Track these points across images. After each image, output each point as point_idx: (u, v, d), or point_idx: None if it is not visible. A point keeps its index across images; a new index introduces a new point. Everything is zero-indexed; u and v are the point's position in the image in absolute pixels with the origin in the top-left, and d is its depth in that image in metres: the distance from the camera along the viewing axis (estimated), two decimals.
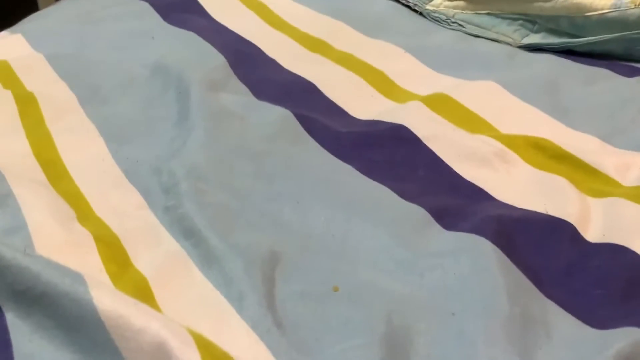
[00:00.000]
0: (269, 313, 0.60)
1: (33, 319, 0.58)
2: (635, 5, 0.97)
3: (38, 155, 0.87)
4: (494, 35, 1.11)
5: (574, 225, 0.69)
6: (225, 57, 1.04)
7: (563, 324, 0.60)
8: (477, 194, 0.77)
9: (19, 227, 0.70)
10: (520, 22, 1.10)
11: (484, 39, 1.12)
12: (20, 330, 0.58)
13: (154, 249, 0.70)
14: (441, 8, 1.17)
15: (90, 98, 0.98)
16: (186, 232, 0.71)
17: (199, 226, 0.70)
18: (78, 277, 0.58)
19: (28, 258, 0.60)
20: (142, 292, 0.64)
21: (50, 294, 0.57)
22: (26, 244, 0.67)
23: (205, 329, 0.59)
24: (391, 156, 0.83)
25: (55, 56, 1.08)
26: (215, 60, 1.03)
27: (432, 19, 1.18)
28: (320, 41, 1.13)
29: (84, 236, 0.71)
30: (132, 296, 0.60)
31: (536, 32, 1.08)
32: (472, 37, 1.13)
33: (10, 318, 0.58)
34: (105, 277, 0.65)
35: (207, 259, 0.67)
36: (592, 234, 0.70)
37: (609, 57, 1.03)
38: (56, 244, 0.68)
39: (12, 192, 0.76)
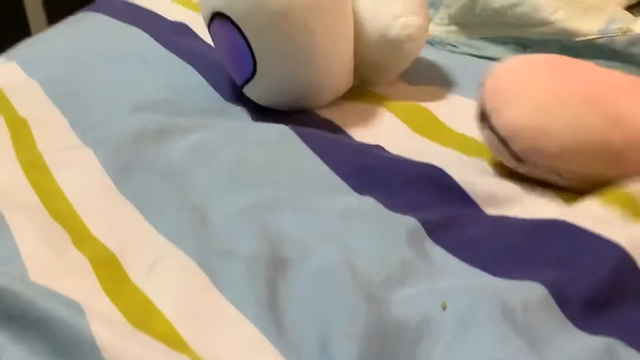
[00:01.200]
0: (269, 313, 0.62)
1: (27, 344, 0.58)
2: (622, 32, 0.99)
3: (30, 177, 0.87)
4: (487, 55, 1.12)
5: None
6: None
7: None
8: None
9: (12, 257, 0.70)
10: (512, 45, 1.11)
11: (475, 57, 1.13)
12: (12, 355, 0.57)
13: (152, 261, 0.70)
14: (434, 33, 1.19)
15: (83, 122, 0.98)
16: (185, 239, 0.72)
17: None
18: (75, 305, 0.59)
19: (24, 285, 0.60)
20: (142, 307, 0.64)
21: (46, 320, 0.58)
22: (21, 272, 0.67)
23: (209, 332, 0.60)
24: None
25: (49, 81, 1.08)
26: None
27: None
28: None
29: (80, 262, 0.71)
30: (132, 311, 0.62)
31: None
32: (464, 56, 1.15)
33: (3, 342, 0.58)
34: (103, 296, 0.66)
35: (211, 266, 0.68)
36: None
37: None
38: (51, 272, 0.68)
39: (4, 219, 0.76)
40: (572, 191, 0.78)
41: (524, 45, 1.10)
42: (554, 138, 0.75)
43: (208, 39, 1.22)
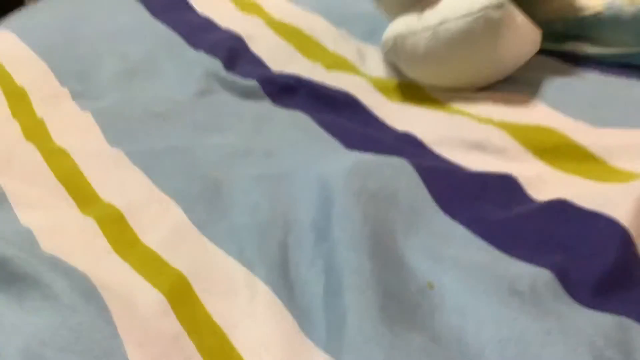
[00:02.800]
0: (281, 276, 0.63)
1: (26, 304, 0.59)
2: (630, 1, 0.95)
3: (33, 139, 0.87)
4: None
5: None
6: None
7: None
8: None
9: (17, 228, 0.70)
10: None
11: None
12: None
13: (161, 221, 0.70)
14: None
15: (83, 91, 0.98)
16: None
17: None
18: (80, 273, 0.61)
19: (29, 254, 0.62)
20: (154, 260, 0.65)
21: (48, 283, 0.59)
22: (30, 242, 0.67)
23: (219, 291, 0.62)
24: None
25: (46, 50, 1.08)
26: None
27: None
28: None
29: (88, 223, 0.71)
30: (143, 267, 0.63)
31: None
32: None
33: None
34: (114, 257, 0.66)
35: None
36: None
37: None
38: (58, 239, 0.69)
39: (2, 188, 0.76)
40: None
41: None
42: None
43: (205, 12, 1.21)
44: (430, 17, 0.91)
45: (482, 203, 0.72)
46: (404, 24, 0.94)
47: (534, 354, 0.56)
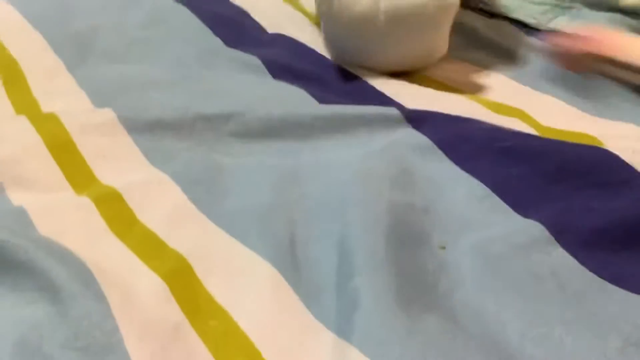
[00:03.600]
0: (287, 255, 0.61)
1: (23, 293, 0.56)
2: None
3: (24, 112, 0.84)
4: (519, 16, 1.06)
5: None
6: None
7: None
8: None
9: (11, 209, 0.67)
10: (548, 6, 1.06)
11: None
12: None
13: (159, 201, 0.68)
14: None
15: (79, 63, 0.94)
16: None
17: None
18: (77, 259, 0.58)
19: (25, 238, 0.59)
20: (152, 240, 0.63)
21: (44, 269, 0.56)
22: (26, 224, 0.64)
23: (221, 271, 0.59)
24: None
25: (41, 21, 1.04)
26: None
27: None
28: None
29: (84, 202, 0.68)
30: (141, 247, 0.61)
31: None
32: None
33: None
34: (112, 236, 0.63)
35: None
36: None
37: None
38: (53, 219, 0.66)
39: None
40: None
41: (565, 7, 1.05)
42: None
43: None
44: None
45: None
46: None
47: (557, 336, 0.53)
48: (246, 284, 0.59)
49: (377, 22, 0.88)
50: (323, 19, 0.93)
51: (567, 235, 0.62)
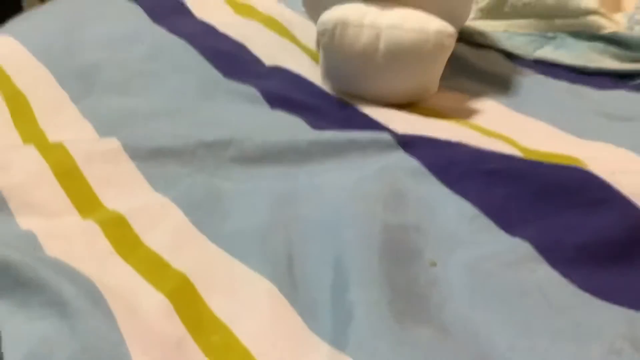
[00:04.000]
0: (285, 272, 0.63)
1: (29, 311, 0.58)
2: None
3: (32, 141, 0.87)
4: (506, 47, 1.11)
5: None
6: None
7: None
8: None
9: (20, 233, 0.69)
10: (536, 37, 1.12)
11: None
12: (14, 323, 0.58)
13: (162, 224, 0.70)
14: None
15: (84, 95, 0.98)
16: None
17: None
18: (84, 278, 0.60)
19: (33, 258, 0.61)
20: (155, 261, 0.65)
21: (51, 287, 0.58)
22: (34, 246, 0.67)
23: (221, 288, 0.62)
24: None
25: (46, 55, 1.07)
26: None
27: None
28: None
29: (90, 227, 0.70)
30: (146, 268, 0.63)
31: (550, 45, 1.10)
32: None
33: (4, 311, 0.58)
34: (117, 258, 0.66)
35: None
36: None
37: None
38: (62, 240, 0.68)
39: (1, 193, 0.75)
40: None
41: (549, 38, 1.11)
42: None
43: (205, 18, 1.21)
44: (381, 18, 0.91)
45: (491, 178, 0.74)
46: (349, 13, 0.93)
47: (544, 347, 0.56)
48: (246, 301, 0.61)
49: (376, 57, 0.91)
50: (322, 52, 0.96)
51: (552, 253, 0.65)
